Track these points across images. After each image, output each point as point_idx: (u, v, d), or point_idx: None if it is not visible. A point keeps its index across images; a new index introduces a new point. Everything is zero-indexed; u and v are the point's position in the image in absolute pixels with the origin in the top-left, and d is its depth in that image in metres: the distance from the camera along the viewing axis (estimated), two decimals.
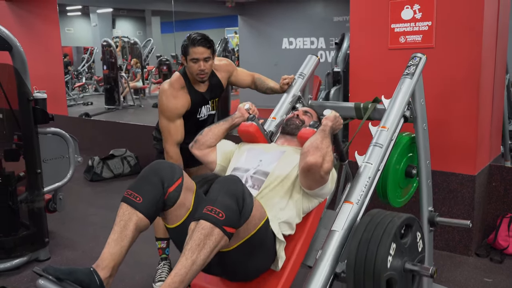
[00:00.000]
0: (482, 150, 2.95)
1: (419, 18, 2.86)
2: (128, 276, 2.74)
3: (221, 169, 2.06)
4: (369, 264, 1.54)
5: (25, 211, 2.99)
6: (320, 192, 1.80)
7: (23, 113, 2.86)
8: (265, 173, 1.84)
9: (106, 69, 11.01)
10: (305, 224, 1.86)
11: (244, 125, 2.11)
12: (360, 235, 1.61)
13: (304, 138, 1.86)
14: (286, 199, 1.79)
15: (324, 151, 1.68)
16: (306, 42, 10.37)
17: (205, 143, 2.07)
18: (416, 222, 1.70)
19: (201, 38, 2.37)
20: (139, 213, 1.57)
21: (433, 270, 1.60)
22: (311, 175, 1.71)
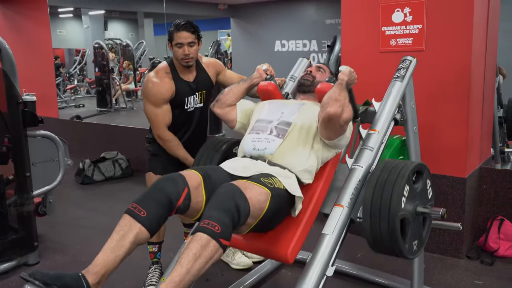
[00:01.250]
0: (473, 153, 2.97)
1: (410, 21, 2.87)
2: (118, 280, 2.72)
3: (241, 126, 2.19)
4: (385, 204, 1.64)
5: (14, 214, 2.96)
6: (338, 142, 1.93)
7: (12, 116, 2.84)
8: (288, 123, 1.97)
9: (98, 71, 10.97)
10: (323, 174, 1.99)
11: (263, 83, 2.24)
12: (376, 179, 1.70)
13: (321, 92, 1.96)
14: (308, 148, 1.92)
15: (342, 102, 1.80)
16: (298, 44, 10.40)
17: (226, 102, 2.20)
18: (426, 170, 1.81)
19: (186, 23, 2.43)
20: (141, 226, 1.58)
21: (443, 211, 1.72)
22: (331, 125, 1.83)
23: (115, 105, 11.20)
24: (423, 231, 1.82)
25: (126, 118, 10.12)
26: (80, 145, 5.60)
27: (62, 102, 11.94)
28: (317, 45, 10.11)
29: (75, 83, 14.65)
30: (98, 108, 10.93)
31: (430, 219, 1.81)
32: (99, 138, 5.86)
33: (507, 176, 3.04)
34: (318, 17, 10.20)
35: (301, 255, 2.85)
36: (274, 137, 1.94)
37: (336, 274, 1.70)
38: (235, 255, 2.89)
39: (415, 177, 1.76)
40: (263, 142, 1.95)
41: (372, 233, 1.68)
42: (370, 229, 1.68)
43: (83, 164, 5.07)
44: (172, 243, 2.75)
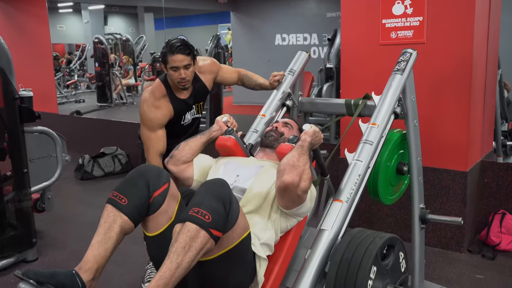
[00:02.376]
0: (474, 146, 2.94)
1: (410, 13, 2.84)
2: (117, 276, 2.71)
3: (198, 184, 1.96)
4: (349, 286, 1.50)
5: (12, 211, 2.95)
6: (298, 211, 1.73)
7: (9, 111, 2.81)
8: (242, 189, 1.77)
9: (98, 66, 10.94)
10: (284, 244, 1.79)
11: (221, 138, 2.03)
12: (340, 257, 1.57)
13: (282, 154, 1.77)
14: (265, 219, 1.73)
15: (301, 169, 1.62)
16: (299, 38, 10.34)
17: (181, 158, 1.99)
18: (398, 242, 1.66)
19: (180, 44, 2.28)
20: (123, 215, 1.54)
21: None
22: (287, 194, 1.65)
23: (116, 100, 11.18)
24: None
25: (126, 113, 10.10)
26: (80, 141, 5.58)
27: (62, 98, 11.92)
28: (317, 39, 10.03)
29: (75, 78, 14.62)
30: (99, 103, 10.91)
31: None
32: (98, 133, 5.85)
33: (509, 169, 3.02)
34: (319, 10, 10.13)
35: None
36: None
37: None
38: None
39: (386, 252, 1.63)
40: None
41: None
42: None
43: (83, 160, 5.05)
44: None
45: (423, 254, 2.36)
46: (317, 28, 9.91)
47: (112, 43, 14.72)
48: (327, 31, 8.26)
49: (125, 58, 13.03)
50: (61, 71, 13.67)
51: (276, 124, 2.12)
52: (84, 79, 14.80)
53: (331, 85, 5.34)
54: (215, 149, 2.07)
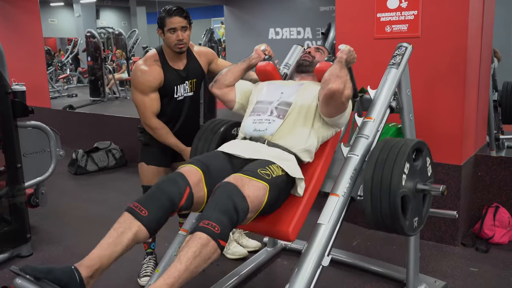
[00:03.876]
0: (468, 140, 2.96)
1: (405, 7, 2.84)
2: (113, 271, 2.67)
3: (239, 107, 2.19)
4: (386, 181, 1.64)
5: (6, 206, 2.93)
6: (338, 120, 1.94)
7: (2, 106, 2.79)
8: (288, 103, 1.97)
9: (90, 60, 10.86)
10: (323, 153, 2.00)
11: (261, 64, 2.22)
12: (376, 156, 1.70)
13: (321, 71, 1.95)
14: (308, 128, 1.93)
15: (344, 79, 1.80)
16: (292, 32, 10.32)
17: (224, 82, 2.18)
18: (426, 148, 1.81)
19: (177, 8, 2.40)
20: (141, 225, 1.57)
21: (443, 188, 1.72)
22: (333, 101, 1.82)
23: (108, 95, 11.11)
24: (423, 208, 1.82)
25: (119, 107, 10.04)
26: (73, 135, 5.55)
27: (54, 92, 11.83)
28: (311, 33, 10.02)
29: (68, 73, 14.51)
30: (91, 98, 10.83)
31: (430, 196, 1.83)
32: (92, 128, 5.82)
33: (502, 163, 3.04)
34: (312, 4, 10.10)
35: (297, 245, 2.86)
36: (275, 117, 1.95)
37: (332, 263, 1.69)
38: (230, 245, 2.87)
39: (415, 155, 1.76)
40: (264, 123, 1.95)
41: (373, 210, 1.69)
42: (371, 207, 1.68)
43: (76, 155, 5.03)
44: (166, 233, 2.70)
45: (418, 248, 2.37)
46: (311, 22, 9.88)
47: (105, 37, 14.61)
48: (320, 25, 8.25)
49: (118, 52, 12.93)
50: (53, 65, 13.55)
51: (309, 49, 2.25)
52: (76, 74, 14.69)
53: None
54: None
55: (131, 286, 2.57)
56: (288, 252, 2.91)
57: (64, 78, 13.86)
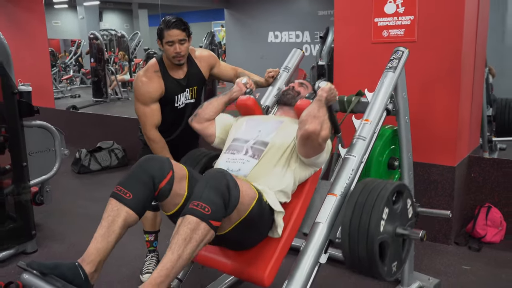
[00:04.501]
0: (462, 142, 2.97)
1: (402, 12, 2.85)
2: (115, 268, 2.71)
3: (220, 141, 2.09)
4: (363, 227, 1.58)
5: (12, 204, 2.94)
6: (316, 161, 1.84)
7: (8, 106, 2.80)
8: (264, 143, 1.88)
9: (93, 61, 10.86)
10: (301, 192, 1.90)
11: (242, 98, 2.14)
12: (355, 200, 1.64)
13: (300, 109, 1.88)
14: (285, 168, 1.83)
15: (321, 119, 1.71)
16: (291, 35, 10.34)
17: (204, 116, 2.10)
18: (406, 190, 1.74)
19: (176, 20, 2.33)
20: (128, 209, 1.55)
21: (423, 233, 1.65)
22: (309, 142, 1.73)
23: (111, 96, 11.11)
24: (402, 252, 1.74)
25: (121, 108, 10.04)
26: (77, 135, 5.56)
27: (58, 93, 11.83)
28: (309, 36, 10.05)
29: (71, 74, 14.51)
30: (94, 99, 10.84)
31: (409, 240, 1.74)
32: (95, 128, 5.82)
33: (494, 164, 3.05)
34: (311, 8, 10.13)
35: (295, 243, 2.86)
36: (249, 157, 1.84)
37: (329, 261, 1.70)
38: None
39: (395, 197, 1.68)
40: (238, 163, 1.85)
41: (350, 254, 1.62)
42: (348, 251, 1.62)
43: (80, 154, 5.03)
44: (168, 232, 2.73)
45: (413, 246, 2.39)
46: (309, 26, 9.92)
47: (107, 39, 14.59)
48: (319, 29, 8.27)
49: (120, 54, 12.93)
50: (56, 66, 13.54)
51: (293, 84, 2.20)
52: (79, 75, 14.69)
53: None
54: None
55: (134, 283, 2.58)
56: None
57: (68, 79, 13.86)
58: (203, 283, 2.43)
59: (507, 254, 2.83)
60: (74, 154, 5.01)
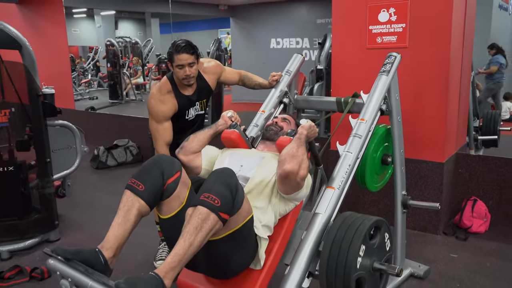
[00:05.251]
0: (450, 140, 2.97)
1: (394, 20, 2.85)
2: (131, 255, 2.73)
3: (206, 173, 1.98)
4: (340, 264, 1.53)
5: (37, 196, 2.97)
6: (295, 196, 1.76)
7: (33, 107, 2.82)
8: (245, 178, 1.79)
9: (109, 66, 10.89)
10: (283, 225, 1.81)
11: (226, 132, 2.05)
12: (333, 236, 1.59)
13: (281, 146, 1.79)
14: (266, 203, 1.75)
15: (300, 159, 1.64)
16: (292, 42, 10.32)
17: (190, 149, 1.99)
18: (384, 224, 1.68)
19: (185, 45, 2.29)
20: (141, 200, 1.55)
21: (399, 269, 1.59)
22: (288, 181, 1.67)
23: (126, 97, 11.13)
24: (380, 284, 1.68)
25: (135, 109, 10.06)
26: (95, 134, 5.57)
27: (77, 95, 11.85)
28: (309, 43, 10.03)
29: (89, 77, 14.54)
30: (110, 100, 10.86)
31: (387, 274, 1.67)
32: (111, 127, 5.84)
33: (480, 161, 3.05)
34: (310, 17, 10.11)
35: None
36: None
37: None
38: None
39: (373, 232, 1.64)
40: None
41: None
42: (326, 284, 1.57)
43: (98, 151, 5.05)
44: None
45: (404, 236, 2.40)
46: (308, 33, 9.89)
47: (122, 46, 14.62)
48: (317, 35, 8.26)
49: (134, 59, 12.95)
50: (76, 71, 13.57)
51: (276, 119, 2.12)
52: (97, 78, 14.71)
53: (321, 85, 5.35)
54: (220, 140, 2.09)
55: (148, 268, 2.59)
56: None
57: (86, 82, 13.89)
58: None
59: (492, 243, 2.83)
60: (92, 151, 5.03)
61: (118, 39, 13.57)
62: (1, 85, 2.81)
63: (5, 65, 2.76)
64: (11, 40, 2.71)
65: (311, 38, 9.90)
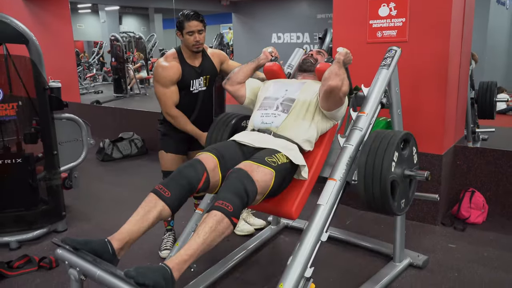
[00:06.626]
0: (448, 133, 2.96)
1: (394, 15, 2.83)
2: (137, 245, 2.70)
3: (249, 101, 2.20)
4: (377, 168, 1.66)
5: (44, 188, 2.96)
6: (336, 113, 1.95)
7: (40, 100, 2.81)
8: (291, 99, 1.97)
9: (114, 61, 10.86)
10: (322, 142, 2.02)
11: (268, 64, 2.23)
12: (369, 146, 1.72)
13: (321, 71, 1.98)
14: (309, 121, 1.94)
15: (342, 77, 1.82)
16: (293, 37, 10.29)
17: (236, 79, 2.20)
18: (412, 138, 1.82)
19: (194, 13, 2.41)
20: (164, 204, 1.59)
21: (428, 174, 1.74)
22: (332, 96, 1.84)
23: (130, 91, 11.12)
24: (409, 191, 1.84)
25: (140, 102, 10.05)
26: (100, 127, 5.58)
27: (83, 89, 11.85)
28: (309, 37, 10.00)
29: (94, 72, 14.51)
30: (115, 94, 10.85)
31: (415, 181, 1.84)
32: (117, 120, 5.84)
33: (478, 153, 3.04)
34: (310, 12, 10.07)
35: (298, 223, 2.87)
36: (280, 112, 1.95)
37: (328, 240, 1.70)
38: (239, 223, 2.89)
39: (403, 145, 1.77)
40: (270, 117, 1.96)
41: (366, 193, 1.71)
42: (364, 190, 1.70)
43: (103, 144, 5.05)
44: (183, 213, 2.73)
45: (404, 226, 2.39)
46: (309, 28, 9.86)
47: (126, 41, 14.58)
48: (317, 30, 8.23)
49: (136, 54, 12.92)
50: (81, 65, 13.55)
51: (311, 51, 2.26)
52: (101, 73, 14.69)
53: None
54: None
55: (153, 257, 2.60)
56: (290, 230, 2.94)
57: (91, 76, 13.87)
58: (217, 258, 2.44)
59: (489, 234, 2.83)
60: (98, 144, 5.03)
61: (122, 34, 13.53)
62: (9, 79, 2.80)
63: (13, 59, 2.75)
64: (18, 34, 2.70)
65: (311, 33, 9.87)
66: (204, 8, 13.88)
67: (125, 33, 14.75)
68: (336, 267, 2.45)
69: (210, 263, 2.39)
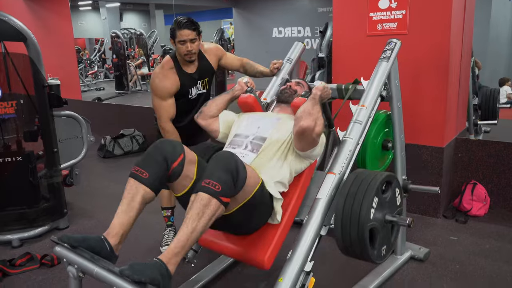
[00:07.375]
0: (450, 125, 2.94)
1: (394, 7, 2.80)
2: (138, 241, 2.73)
3: (223, 136, 2.05)
4: (355, 215, 1.56)
5: (45, 185, 2.97)
6: (311, 153, 1.80)
7: (39, 98, 2.80)
8: (262, 138, 1.83)
9: (115, 58, 10.85)
10: (298, 182, 1.87)
11: (243, 96, 2.09)
12: (347, 190, 1.62)
13: (296, 107, 1.85)
14: (282, 161, 1.79)
15: (315, 116, 1.68)
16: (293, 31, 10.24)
17: (209, 113, 2.06)
18: (395, 180, 1.71)
19: (187, 21, 2.30)
20: (145, 187, 1.54)
21: (410, 220, 1.64)
22: (304, 137, 1.70)
23: (132, 88, 11.11)
24: (391, 236, 1.72)
25: (141, 99, 10.05)
26: (102, 124, 5.57)
27: (84, 86, 11.85)
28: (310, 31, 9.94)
29: (95, 69, 14.51)
30: (117, 91, 10.85)
31: (398, 226, 1.72)
32: (118, 117, 5.83)
33: (479, 145, 3.02)
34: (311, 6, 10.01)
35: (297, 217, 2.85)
36: (249, 152, 1.80)
37: (328, 233, 1.69)
38: None
39: (384, 187, 1.67)
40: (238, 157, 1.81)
41: (342, 239, 1.61)
42: (341, 236, 1.61)
43: (105, 140, 5.05)
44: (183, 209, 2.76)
45: None
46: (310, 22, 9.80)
47: (127, 37, 14.55)
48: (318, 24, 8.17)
49: (137, 50, 12.91)
50: (83, 62, 13.55)
51: (289, 83, 2.15)
52: (103, 70, 14.68)
53: (322, 73, 5.29)
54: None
55: (154, 253, 2.60)
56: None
57: (93, 73, 13.86)
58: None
59: (491, 226, 2.81)
60: (99, 141, 5.04)
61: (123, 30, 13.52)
62: (8, 77, 2.79)
63: (11, 57, 2.74)
64: (16, 32, 2.68)
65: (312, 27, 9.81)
66: (204, 4, 13.84)
67: (126, 29, 14.74)
68: (337, 261, 2.43)
69: (211, 258, 2.38)
